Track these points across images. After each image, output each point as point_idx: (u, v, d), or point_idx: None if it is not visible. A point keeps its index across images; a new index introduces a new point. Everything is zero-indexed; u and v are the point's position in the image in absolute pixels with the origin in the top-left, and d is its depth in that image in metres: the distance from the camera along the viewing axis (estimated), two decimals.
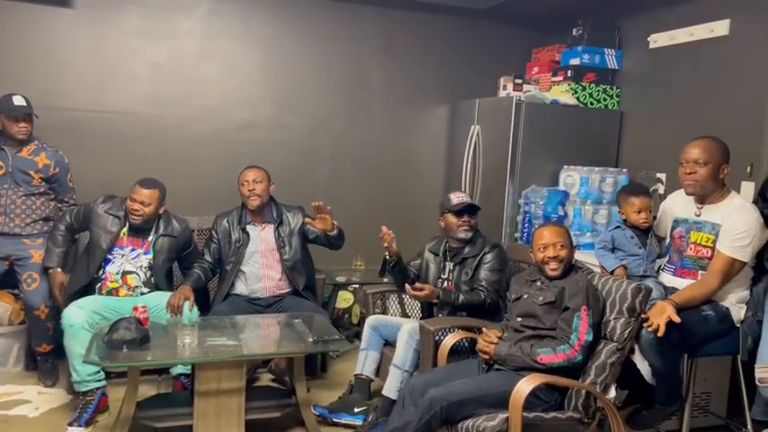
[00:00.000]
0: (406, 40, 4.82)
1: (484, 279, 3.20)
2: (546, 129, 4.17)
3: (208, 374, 2.81)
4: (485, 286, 3.18)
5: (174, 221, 3.54)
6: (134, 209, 3.36)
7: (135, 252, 3.43)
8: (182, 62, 4.37)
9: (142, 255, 3.44)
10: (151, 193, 3.40)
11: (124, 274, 3.39)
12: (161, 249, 3.47)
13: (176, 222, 3.55)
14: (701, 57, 3.70)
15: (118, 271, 3.39)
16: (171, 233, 3.50)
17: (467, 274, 3.26)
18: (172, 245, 3.51)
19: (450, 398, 2.42)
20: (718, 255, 2.69)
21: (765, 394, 2.60)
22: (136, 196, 3.38)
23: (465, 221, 3.29)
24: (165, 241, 3.48)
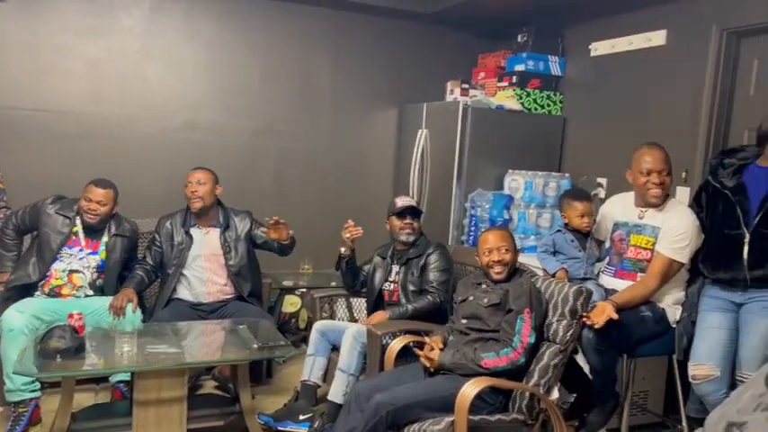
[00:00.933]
0: (354, 42, 4.81)
1: (433, 280, 3.23)
2: (492, 133, 4.23)
3: (147, 383, 2.72)
4: (435, 287, 3.21)
5: (124, 222, 3.51)
6: (90, 208, 3.31)
7: (84, 252, 3.37)
8: (122, 60, 4.24)
9: (90, 255, 3.37)
10: (106, 192, 3.36)
11: (70, 272, 3.32)
12: (113, 249, 3.42)
13: (127, 223, 3.52)
14: (640, 65, 3.82)
15: (64, 269, 3.32)
16: (123, 233, 3.47)
17: (413, 275, 3.29)
18: (125, 244, 3.47)
19: (395, 402, 2.42)
20: (658, 256, 2.78)
21: (699, 391, 2.70)
22: (91, 196, 3.33)
23: (407, 224, 3.33)
24: (117, 241, 3.43)
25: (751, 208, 2.63)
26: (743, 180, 2.70)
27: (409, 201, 3.42)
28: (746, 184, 2.68)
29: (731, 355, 2.66)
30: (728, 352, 2.66)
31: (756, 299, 2.61)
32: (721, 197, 2.73)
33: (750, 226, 2.61)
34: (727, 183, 2.73)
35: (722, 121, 3.42)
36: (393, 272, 3.40)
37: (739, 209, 2.65)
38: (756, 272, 2.59)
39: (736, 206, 2.66)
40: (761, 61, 3.28)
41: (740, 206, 2.65)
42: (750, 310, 2.62)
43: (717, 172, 2.79)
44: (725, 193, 2.71)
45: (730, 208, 2.68)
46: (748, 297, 2.64)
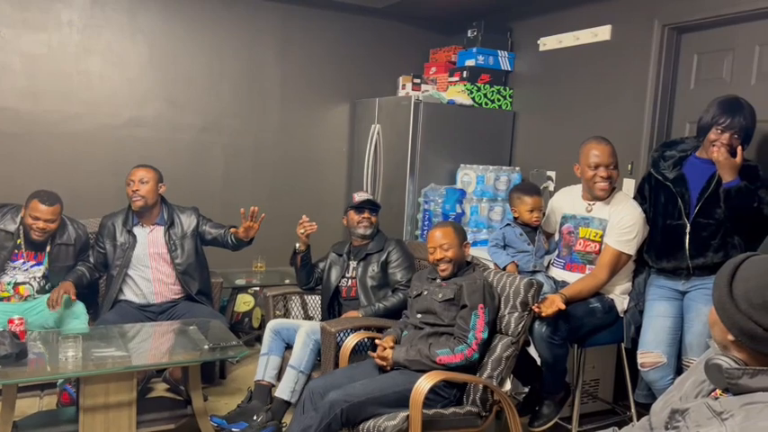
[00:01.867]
0: (303, 36, 4.75)
1: (402, 279, 3.26)
2: (444, 128, 4.25)
3: (94, 388, 2.64)
4: (404, 285, 3.22)
5: (69, 228, 3.41)
6: (38, 227, 3.21)
7: (27, 264, 3.29)
8: (62, 55, 4.08)
9: (34, 267, 3.31)
10: (53, 209, 3.26)
11: (16, 284, 3.26)
12: (57, 258, 3.35)
13: (72, 229, 3.42)
14: (587, 60, 3.90)
15: (9, 282, 3.26)
16: (67, 241, 3.38)
17: (373, 270, 3.31)
18: (69, 251, 3.39)
19: (350, 399, 2.41)
20: (606, 248, 2.84)
21: (647, 378, 2.78)
22: (38, 214, 3.21)
23: (365, 218, 3.36)
24: (61, 250, 3.36)
25: (691, 199, 2.72)
26: (683, 171, 2.78)
27: (367, 195, 3.46)
28: (686, 175, 2.76)
29: (677, 342, 2.74)
30: (674, 339, 2.74)
31: (699, 286, 2.69)
32: (663, 189, 2.81)
33: (690, 216, 2.70)
34: (668, 174, 2.80)
35: (665, 115, 3.52)
36: (350, 268, 3.39)
37: (680, 200, 2.73)
38: (698, 260, 2.68)
39: (678, 197, 2.74)
40: (700, 56, 3.39)
41: (681, 197, 2.73)
42: (693, 297, 2.71)
43: (658, 164, 2.87)
44: (666, 184, 2.79)
45: (672, 199, 2.76)
46: (691, 285, 2.73)
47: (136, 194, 3.40)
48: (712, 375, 1.36)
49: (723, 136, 2.59)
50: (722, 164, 2.55)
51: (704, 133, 2.69)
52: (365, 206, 3.37)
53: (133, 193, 3.40)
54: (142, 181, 3.41)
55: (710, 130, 2.64)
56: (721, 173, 2.58)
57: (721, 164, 2.56)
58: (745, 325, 1.28)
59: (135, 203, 3.42)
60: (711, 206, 2.64)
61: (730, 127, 2.59)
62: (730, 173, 2.54)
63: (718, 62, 3.27)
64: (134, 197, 3.40)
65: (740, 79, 3.17)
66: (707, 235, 2.67)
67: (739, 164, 2.54)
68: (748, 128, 2.62)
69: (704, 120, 2.69)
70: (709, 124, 2.64)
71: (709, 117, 2.66)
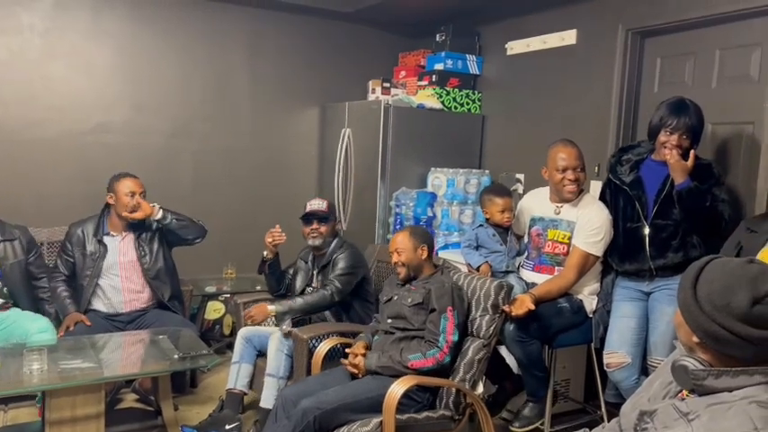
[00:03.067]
0: (273, 41, 4.72)
1: (335, 278, 3.19)
2: (414, 132, 4.26)
3: (60, 401, 2.58)
4: (335, 285, 3.16)
5: (7, 227, 3.34)
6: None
7: None
8: (23, 60, 3.99)
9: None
10: None
11: None
12: (6, 256, 3.27)
13: (11, 228, 3.36)
14: (554, 63, 3.94)
15: None
16: (11, 237, 3.32)
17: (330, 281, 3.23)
18: (16, 247, 3.32)
19: (322, 406, 2.39)
20: (575, 250, 2.88)
21: (613, 378, 2.83)
22: None
23: (313, 229, 3.30)
24: (8, 246, 3.29)
25: (648, 201, 2.78)
26: (640, 175, 2.84)
27: (318, 204, 3.36)
28: (643, 178, 2.82)
29: (642, 342, 2.79)
30: (639, 339, 2.79)
31: (662, 287, 2.75)
32: (621, 192, 2.87)
33: (649, 218, 2.76)
34: (625, 179, 2.86)
35: (630, 118, 3.58)
36: (314, 278, 3.37)
37: (638, 203, 2.79)
38: (659, 261, 2.73)
39: (635, 200, 2.80)
40: (663, 60, 3.46)
41: (638, 200, 2.79)
42: (657, 298, 2.77)
43: (616, 169, 2.93)
44: (624, 188, 2.84)
45: (630, 202, 2.82)
46: (655, 286, 2.78)
47: (139, 207, 3.38)
48: (678, 376, 1.38)
49: (672, 137, 2.66)
50: (673, 166, 2.62)
51: (655, 135, 2.76)
52: (312, 217, 3.31)
53: (137, 205, 3.38)
54: (144, 194, 3.42)
55: (660, 131, 2.70)
56: (673, 175, 2.64)
57: (672, 166, 2.63)
58: (709, 327, 1.30)
59: (137, 216, 3.39)
60: (668, 207, 2.70)
61: (677, 128, 2.66)
62: (681, 175, 2.60)
63: (681, 66, 3.34)
64: (137, 210, 3.38)
65: (701, 82, 3.24)
66: (666, 236, 2.73)
67: (690, 167, 2.61)
68: (695, 127, 2.69)
69: (653, 122, 2.76)
70: (658, 126, 2.72)
71: (658, 119, 2.73)
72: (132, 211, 3.38)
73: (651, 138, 2.79)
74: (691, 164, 2.61)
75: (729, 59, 3.12)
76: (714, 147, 3.13)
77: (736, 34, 3.09)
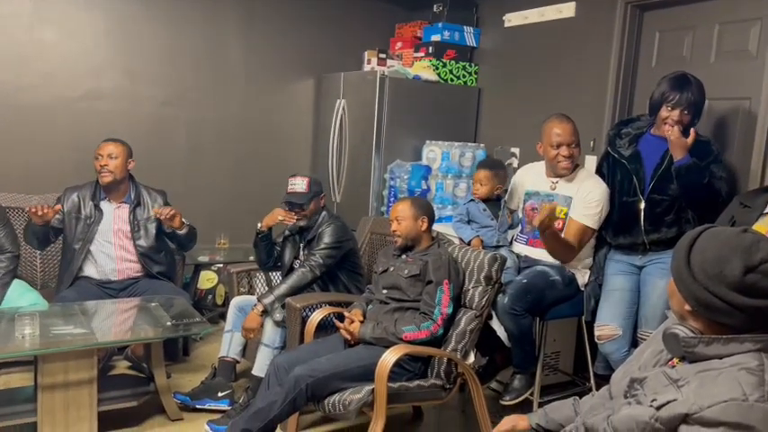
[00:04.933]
0: (268, 9, 4.64)
1: (317, 251, 3.11)
2: (409, 104, 4.23)
3: (53, 366, 2.58)
4: (317, 260, 3.09)
5: None
6: None
7: None
8: (14, 24, 3.91)
9: None
10: None
11: None
12: None
13: None
14: (551, 36, 3.91)
15: None
16: None
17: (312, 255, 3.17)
18: None
19: (315, 374, 2.41)
20: (572, 222, 2.88)
21: (603, 350, 2.86)
22: None
23: (296, 213, 3.20)
24: None
25: (646, 176, 2.77)
26: (638, 149, 2.83)
27: (295, 185, 3.20)
28: (642, 152, 2.81)
29: (633, 315, 2.82)
30: (630, 312, 2.81)
31: (655, 261, 2.77)
32: (619, 166, 2.86)
33: (645, 193, 2.76)
34: (623, 152, 2.85)
35: (627, 92, 3.57)
36: (301, 251, 3.32)
37: (635, 177, 2.79)
38: (653, 236, 2.75)
39: (632, 174, 2.79)
40: (662, 34, 3.43)
41: (636, 174, 2.79)
42: (650, 272, 2.78)
43: (614, 142, 2.92)
44: (622, 162, 2.84)
45: (627, 176, 2.82)
46: (648, 260, 2.80)
47: (104, 169, 3.29)
48: (669, 344, 1.40)
49: (673, 113, 2.65)
50: (673, 143, 2.61)
51: (655, 111, 2.74)
52: (291, 207, 3.18)
53: (101, 167, 3.29)
54: (111, 156, 3.30)
55: (661, 107, 2.69)
56: (672, 151, 2.64)
57: (673, 143, 2.62)
58: (701, 295, 1.31)
59: (103, 178, 3.31)
60: (665, 182, 2.70)
61: (679, 103, 2.64)
62: (680, 151, 2.60)
63: (679, 40, 3.32)
64: (102, 172, 3.29)
65: (700, 57, 3.22)
66: (661, 211, 2.73)
67: (690, 143, 2.60)
68: (697, 103, 2.68)
69: (654, 97, 2.74)
70: (660, 101, 2.70)
71: (659, 94, 2.71)
72: (98, 173, 3.30)
73: (652, 113, 2.78)
74: (691, 141, 2.60)
75: (728, 34, 3.11)
76: (711, 123, 3.12)
77: (735, 8, 3.06)
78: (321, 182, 3.37)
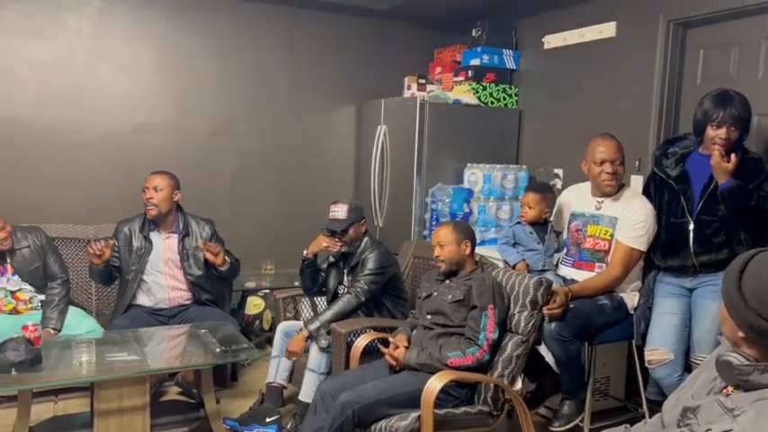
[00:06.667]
0: (310, 39, 4.77)
1: (362, 278, 3.14)
2: (449, 128, 4.25)
3: (108, 393, 2.67)
4: (362, 286, 3.11)
5: (18, 234, 3.36)
6: None
7: (5, 277, 3.31)
8: (71, 63, 4.12)
9: (11, 276, 3.31)
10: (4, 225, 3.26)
11: (12, 293, 3.30)
12: (21, 263, 3.33)
13: (21, 233, 3.37)
14: (592, 57, 3.89)
15: (5, 294, 3.29)
16: (22, 246, 3.35)
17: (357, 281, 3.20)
18: (29, 255, 3.35)
19: (361, 401, 2.42)
20: (618, 245, 2.84)
21: (654, 375, 2.78)
22: None
23: (337, 240, 3.24)
24: (21, 255, 3.34)
25: (694, 196, 2.70)
26: (686, 168, 2.76)
27: (336, 212, 3.24)
28: (689, 172, 2.75)
29: (685, 339, 2.74)
30: (682, 336, 2.73)
31: (706, 283, 2.69)
32: (666, 186, 2.80)
33: (694, 214, 2.69)
34: (670, 172, 2.79)
35: (672, 110, 3.51)
36: (345, 277, 3.35)
37: (683, 197, 2.72)
38: (703, 257, 2.67)
39: (680, 195, 2.73)
40: (706, 51, 3.38)
41: (683, 195, 2.72)
42: (701, 294, 2.70)
43: (661, 162, 2.86)
44: (669, 182, 2.78)
45: (674, 197, 2.76)
46: (698, 282, 2.72)
47: (149, 202, 3.40)
48: (723, 372, 1.36)
49: (720, 131, 2.58)
50: (714, 167, 2.55)
51: (700, 131, 2.68)
52: (332, 233, 3.23)
53: (147, 200, 3.41)
54: (156, 189, 3.41)
55: (706, 127, 2.63)
56: (715, 175, 2.58)
57: (713, 167, 2.56)
58: (755, 321, 1.28)
59: (149, 212, 3.42)
60: (714, 203, 2.63)
61: (724, 120, 2.57)
62: (723, 176, 2.53)
63: (725, 57, 3.26)
64: (148, 205, 3.41)
65: (747, 73, 3.16)
66: (711, 232, 2.66)
67: (732, 169, 2.51)
68: (743, 118, 2.59)
69: (698, 117, 2.68)
70: (704, 121, 2.64)
71: (702, 114, 2.65)
72: (145, 206, 3.42)
73: (697, 134, 2.72)
74: (732, 167, 2.52)
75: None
76: (762, 140, 3.05)
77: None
78: (362, 207, 3.40)
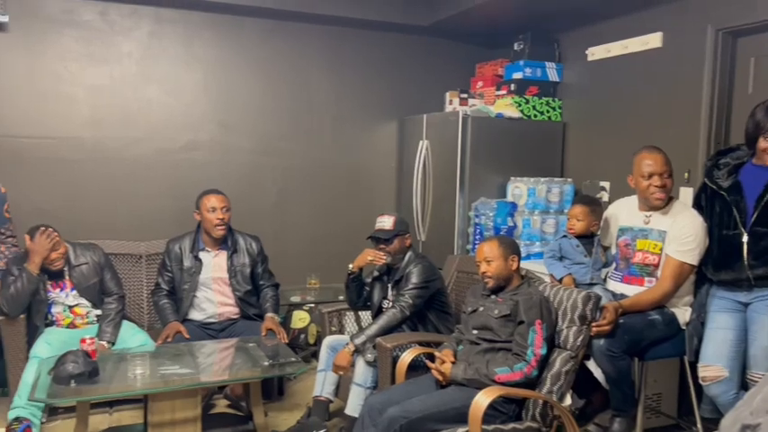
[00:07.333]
0: (351, 57, 4.84)
1: (407, 294, 3.15)
2: (492, 142, 4.25)
3: (161, 405, 2.74)
4: (406, 300, 3.13)
5: (78, 250, 3.48)
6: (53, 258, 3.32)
7: (63, 292, 3.41)
8: (122, 85, 4.28)
9: (70, 292, 3.42)
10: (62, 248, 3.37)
11: (70, 308, 3.41)
12: (80, 279, 3.43)
13: (79, 250, 3.48)
14: (637, 68, 3.84)
15: (63, 309, 3.40)
16: (82, 262, 3.46)
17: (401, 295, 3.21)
18: (87, 271, 3.45)
19: (408, 415, 2.42)
20: (669, 260, 2.79)
21: (709, 393, 2.70)
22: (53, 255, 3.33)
23: (380, 248, 3.27)
24: (79, 271, 3.44)
25: (747, 207, 2.63)
26: (738, 179, 2.69)
27: (382, 223, 3.31)
28: (742, 183, 2.68)
29: (740, 355, 2.65)
30: (737, 352, 2.65)
31: (762, 297, 2.60)
32: (718, 198, 2.74)
33: (747, 225, 2.61)
34: (722, 183, 2.73)
35: (722, 120, 3.44)
36: (389, 291, 3.37)
37: (735, 209, 2.65)
38: (758, 270, 2.59)
39: (733, 206, 2.66)
40: (758, 59, 3.30)
41: (736, 206, 2.65)
42: (756, 309, 2.62)
43: (712, 173, 2.80)
44: (721, 194, 2.72)
45: (727, 208, 2.69)
46: (754, 296, 2.63)
47: (222, 222, 3.48)
48: None
49: None
50: None
51: (753, 143, 2.62)
52: (377, 240, 3.28)
53: (219, 221, 3.47)
54: (225, 209, 3.51)
55: (758, 138, 2.57)
56: None
57: None
58: None
59: (218, 231, 3.49)
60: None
61: None
62: None
63: None
64: (219, 226, 3.48)
65: None
66: (766, 244, 2.58)
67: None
68: None
69: (749, 129, 2.63)
70: (755, 133, 2.59)
71: (753, 125, 2.60)
72: (216, 226, 3.48)
73: (749, 145, 2.66)
74: None
75: None
76: None
77: None
78: (407, 222, 3.43)
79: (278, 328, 3.45)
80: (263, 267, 3.69)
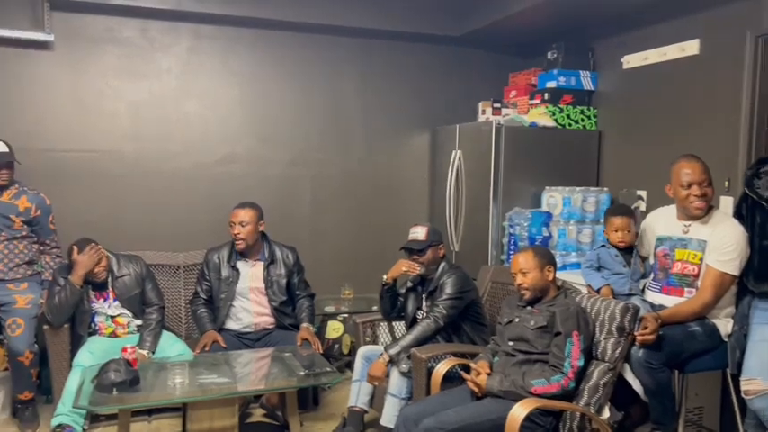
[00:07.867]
0: (384, 69, 4.88)
1: (441, 305, 3.14)
2: (526, 151, 4.23)
3: (200, 413, 2.79)
4: (441, 311, 3.12)
5: (121, 262, 3.56)
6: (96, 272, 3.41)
7: (106, 303, 3.50)
8: (162, 99, 4.39)
9: (112, 302, 3.50)
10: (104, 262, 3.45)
11: (112, 318, 3.49)
12: (122, 290, 3.51)
13: (122, 261, 3.57)
14: (674, 75, 3.79)
15: (105, 318, 3.49)
16: (123, 273, 3.54)
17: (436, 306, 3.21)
18: (129, 282, 3.53)
19: (444, 426, 2.42)
20: (709, 270, 2.74)
21: (752, 407, 2.63)
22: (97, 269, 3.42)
23: (414, 259, 3.28)
24: (122, 282, 3.52)
25: None
26: None
27: (415, 234, 3.32)
28: None
29: None
30: None
31: None
32: (758, 208, 2.68)
33: None
34: (762, 193, 2.67)
35: (763, 128, 3.36)
36: (423, 302, 3.37)
37: None
38: None
39: None
40: None
41: None
42: None
43: (752, 182, 2.74)
44: (762, 204, 2.66)
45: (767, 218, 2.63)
46: None
47: (237, 237, 3.57)
48: None
49: None
50: None
51: None
52: (410, 250, 3.29)
53: (235, 236, 3.57)
54: (242, 224, 3.57)
55: None
56: None
57: None
58: None
59: (237, 246, 3.60)
60: None
61: None
62: None
63: None
64: (236, 240, 3.58)
65: None
66: None
67: None
68: None
69: None
70: None
71: None
72: (234, 240, 3.58)
73: None
74: None
75: None
76: None
77: None
78: (440, 232, 3.44)
79: (313, 338, 3.49)
80: (299, 278, 3.74)
